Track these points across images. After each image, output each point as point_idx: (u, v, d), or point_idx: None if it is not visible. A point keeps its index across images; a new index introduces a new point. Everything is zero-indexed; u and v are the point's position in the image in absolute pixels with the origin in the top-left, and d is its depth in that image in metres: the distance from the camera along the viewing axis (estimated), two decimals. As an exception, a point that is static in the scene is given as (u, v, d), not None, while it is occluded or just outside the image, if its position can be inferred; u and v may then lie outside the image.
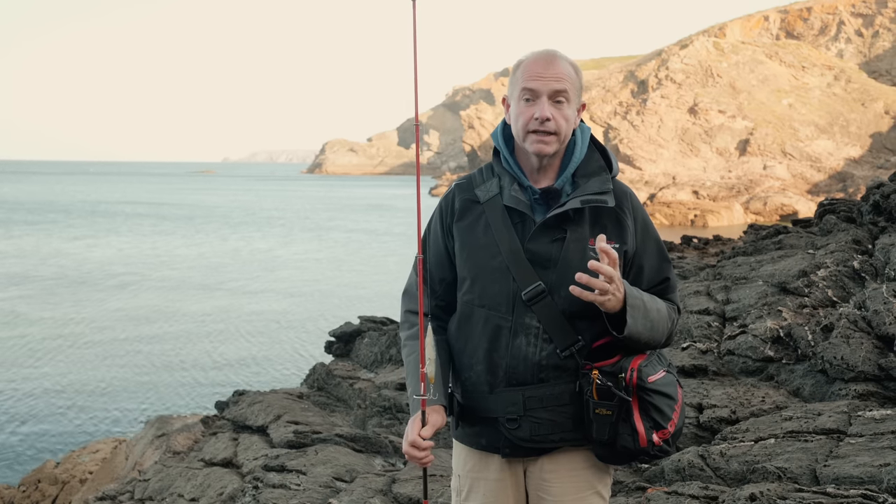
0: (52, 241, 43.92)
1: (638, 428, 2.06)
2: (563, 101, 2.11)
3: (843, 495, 3.23)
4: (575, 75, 2.15)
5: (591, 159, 2.20)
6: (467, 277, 2.20)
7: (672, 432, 2.09)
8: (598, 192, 2.12)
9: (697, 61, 63.79)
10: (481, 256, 2.17)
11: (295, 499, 4.83)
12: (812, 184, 57.07)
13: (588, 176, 2.16)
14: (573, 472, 2.18)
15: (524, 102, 2.12)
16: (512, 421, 2.13)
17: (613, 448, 2.09)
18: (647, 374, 2.06)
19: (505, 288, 2.13)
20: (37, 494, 9.58)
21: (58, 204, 78.42)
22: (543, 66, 2.11)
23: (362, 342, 9.08)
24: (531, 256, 2.10)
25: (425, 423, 2.12)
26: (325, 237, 47.98)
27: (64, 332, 21.12)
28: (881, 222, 7.50)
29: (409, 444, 2.11)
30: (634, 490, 4.11)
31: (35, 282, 29.36)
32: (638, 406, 2.07)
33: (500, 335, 2.14)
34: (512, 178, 2.19)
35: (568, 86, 2.11)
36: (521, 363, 2.12)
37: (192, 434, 7.87)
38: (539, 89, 2.10)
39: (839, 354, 4.83)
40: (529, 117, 2.11)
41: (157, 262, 35.71)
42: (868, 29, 71.40)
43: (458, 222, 2.23)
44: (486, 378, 2.16)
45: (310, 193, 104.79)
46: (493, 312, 2.15)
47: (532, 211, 2.15)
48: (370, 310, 12.87)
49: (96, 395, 15.93)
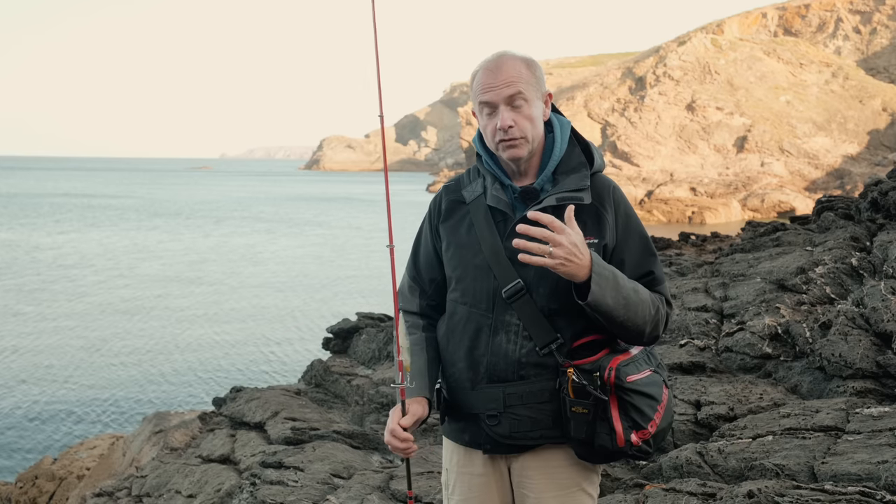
0: (43, 235, 43.90)
1: (616, 427, 2.05)
2: (521, 103, 2.11)
3: (840, 492, 3.23)
4: (528, 72, 2.13)
5: (572, 155, 2.20)
6: (453, 276, 2.24)
7: (653, 433, 2.08)
8: (575, 189, 2.12)
9: (695, 58, 63.82)
10: (465, 255, 2.20)
11: (292, 495, 4.83)
12: (809, 181, 57.15)
13: (568, 172, 2.17)
14: (556, 469, 2.18)
15: (486, 115, 2.14)
16: (492, 417, 2.14)
17: (591, 447, 2.09)
18: (627, 374, 2.05)
19: (486, 286, 2.15)
20: (34, 491, 9.57)
21: (51, 197, 78.34)
22: (492, 75, 2.11)
23: (360, 339, 9.07)
24: (511, 255, 2.10)
25: (405, 412, 2.15)
26: (320, 233, 48.05)
27: (60, 329, 21.11)
28: (879, 219, 7.50)
29: (389, 433, 2.14)
30: (632, 487, 4.10)
31: (26, 276, 29.35)
32: (617, 405, 2.06)
33: (481, 332, 2.16)
34: (494, 178, 2.21)
35: (522, 86, 2.10)
36: (501, 360, 2.13)
37: (189, 430, 7.86)
38: (493, 100, 2.10)
39: (837, 351, 4.83)
40: (494, 129, 2.12)
41: (152, 257, 35.72)
42: (866, 26, 71.43)
43: (444, 223, 2.27)
44: (468, 375, 2.18)
45: (306, 190, 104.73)
46: (475, 310, 2.17)
47: (513, 210, 2.17)
48: (368, 306, 12.87)
49: (93, 391, 15.92)
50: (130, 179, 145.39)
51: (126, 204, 71.48)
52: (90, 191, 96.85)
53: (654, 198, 53.08)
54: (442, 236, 2.27)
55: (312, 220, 57.85)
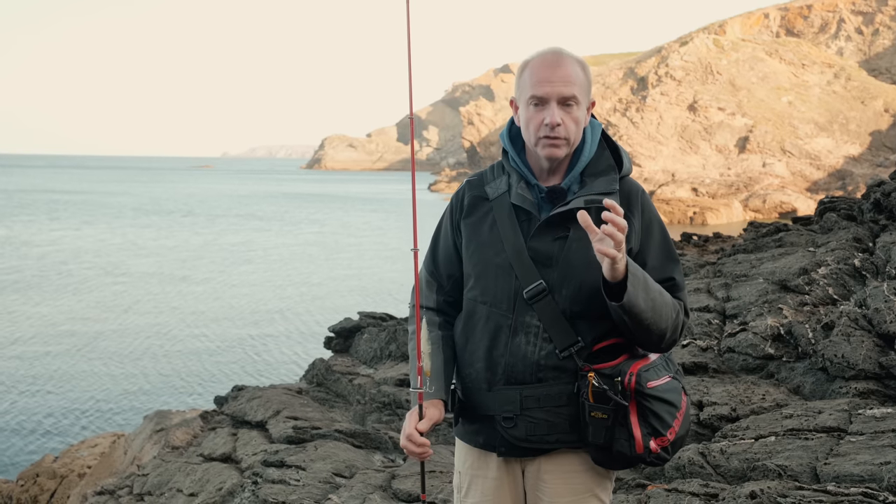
0: (36, 231, 43.92)
1: (635, 434, 2.03)
2: (572, 104, 2.07)
3: (843, 493, 3.23)
4: (583, 75, 2.11)
5: (601, 158, 2.17)
6: (472, 274, 2.20)
7: (672, 440, 2.05)
8: (603, 192, 2.09)
9: (697, 58, 63.75)
10: (486, 253, 2.16)
11: (294, 494, 4.83)
12: (811, 181, 57.08)
13: (596, 175, 2.14)
14: (570, 475, 2.15)
15: (533, 108, 2.09)
16: (508, 420, 2.11)
17: (609, 452, 2.07)
18: (648, 379, 2.03)
19: (507, 285, 2.12)
20: (35, 489, 9.58)
21: (53, 194, 78.41)
22: (551, 69, 2.07)
23: (362, 338, 9.07)
24: (534, 255, 2.09)
25: (422, 416, 2.13)
26: (323, 231, 48.03)
27: (62, 326, 21.10)
28: (882, 220, 7.49)
29: (406, 438, 2.12)
30: (634, 487, 4.10)
31: (23, 272, 29.36)
32: (636, 411, 2.04)
33: (500, 333, 2.13)
34: (520, 176, 2.17)
35: (577, 90, 2.07)
36: (519, 362, 2.10)
37: (190, 429, 7.86)
38: (548, 95, 2.06)
39: (840, 352, 4.83)
40: (539, 123, 2.08)
41: (153, 254, 35.69)
42: (868, 27, 71.34)
43: (466, 219, 2.23)
44: (485, 375, 2.15)
45: (308, 189, 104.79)
46: (495, 310, 2.14)
47: (538, 209, 2.13)
48: (370, 305, 12.86)
49: (95, 389, 15.92)
50: (132, 178, 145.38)
51: (123, 202, 71.58)
52: (88, 188, 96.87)
53: (656, 198, 52.99)
54: (463, 232, 2.23)
55: (309, 218, 57.82)
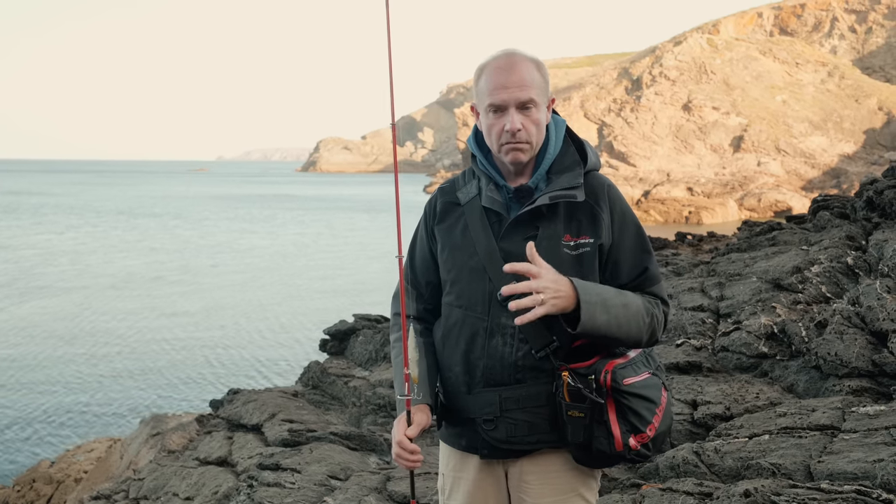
0: (32, 234, 43.87)
1: (614, 431, 2.03)
2: (530, 107, 2.07)
3: (837, 491, 3.24)
4: (539, 76, 2.09)
5: (566, 154, 2.17)
6: (448, 279, 2.21)
7: (652, 437, 2.05)
8: (567, 187, 2.09)
9: (691, 58, 63.89)
10: (459, 257, 2.17)
11: (289, 497, 4.82)
12: (806, 180, 57.24)
13: (562, 171, 2.14)
14: (553, 474, 2.16)
15: (492, 115, 2.09)
16: (488, 422, 2.12)
17: (589, 451, 2.07)
18: (624, 376, 2.03)
19: (481, 288, 2.12)
20: (31, 494, 9.56)
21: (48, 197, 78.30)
22: (505, 75, 2.06)
23: (357, 340, 9.07)
24: (505, 255, 2.09)
25: (410, 422, 2.13)
26: (318, 234, 48.01)
27: (57, 331, 21.06)
28: (875, 218, 7.51)
29: (397, 444, 2.11)
30: (629, 487, 4.11)
31: (24, 279, 29.31)
32: (615, 409, 2.04)
33: (476, 336, 2.13)
34: (489, 178, 2.18)
35: (533, 92, 2.06)
36: (497, 363, 2.10)
37: (186, 433, 7.85)
38: (505, 102, 2.05)
39: (833, 350, 4.84)
40: (500, 130, 2.08)
41: (149, 258, 35.64)
42: (861, 25, 71.58)
43: (439, 224, 2.24)
44: (464, 378, 2.16)
45: (302, 191, 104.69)
46: (471, 313, 2.14)
47: (507, 210, 2.14)
48: (365, 307, 12.86)
49: (91, 394, 15.90)
50: (126, 181, 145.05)
51: (117, 206, 71.54)
52: (86, 193, 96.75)
53: (651, 198, 53.10)
54: (437, 238, 2.25)
55: (316, 221, 57.76)
